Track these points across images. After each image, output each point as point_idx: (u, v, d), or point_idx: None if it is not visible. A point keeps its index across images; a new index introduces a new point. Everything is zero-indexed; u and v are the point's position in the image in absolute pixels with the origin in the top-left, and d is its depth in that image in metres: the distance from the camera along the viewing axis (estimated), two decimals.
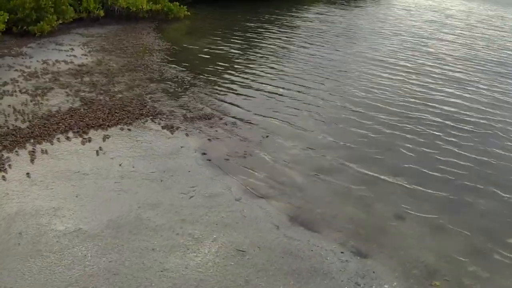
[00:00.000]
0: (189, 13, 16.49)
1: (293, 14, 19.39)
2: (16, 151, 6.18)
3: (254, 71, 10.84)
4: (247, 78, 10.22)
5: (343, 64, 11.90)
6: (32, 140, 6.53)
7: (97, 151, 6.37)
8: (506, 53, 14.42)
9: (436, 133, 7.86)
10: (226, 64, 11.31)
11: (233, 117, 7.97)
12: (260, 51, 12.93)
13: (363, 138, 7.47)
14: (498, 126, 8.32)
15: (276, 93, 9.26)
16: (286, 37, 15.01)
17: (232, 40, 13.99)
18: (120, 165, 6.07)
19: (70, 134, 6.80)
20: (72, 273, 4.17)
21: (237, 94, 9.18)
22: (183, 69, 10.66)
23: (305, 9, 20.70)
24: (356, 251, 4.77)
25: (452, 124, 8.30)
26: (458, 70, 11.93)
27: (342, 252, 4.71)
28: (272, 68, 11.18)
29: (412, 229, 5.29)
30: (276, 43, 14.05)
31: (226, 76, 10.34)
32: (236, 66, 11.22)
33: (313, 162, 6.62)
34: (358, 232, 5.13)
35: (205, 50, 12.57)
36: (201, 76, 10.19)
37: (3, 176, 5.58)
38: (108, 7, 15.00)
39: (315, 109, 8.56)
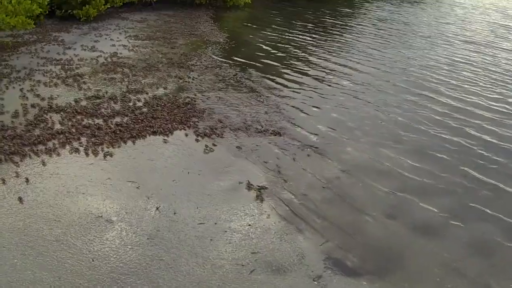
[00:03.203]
0: (249, 0, 14.81)
1: (352, 11, 17.30)
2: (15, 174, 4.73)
3: (331, 75, 9.00)
4: (322, 83, 8.40)
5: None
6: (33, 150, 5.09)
7: (128, 183, 4.82)
8: None
9: None
10: (294, 64, 9.51)
11: (305, 137, 6.22)
12: (330, 46, 11.04)
13: (467, 181, 5.48)
14: None
15: (360, 109, 7.39)
16: (348, 33, 13.03)
17: (297, 34, 12.16)
18: (157, 208, 4.49)
19: (87, 151, 5.33)
20: None
21: (310, 105, 7.37)
22: (242, 67, 8.99)
23: (368, 7, 18.49)
24: None
25: None
26: None
27: None
28: (350, 73, 9.29)
29: None
30: (342, 39, 12.11)
31: (295, 78, 8.56)
32: (306, 67, 9.39)
33: (411, 214, 4.76)
34: None
35: (269, 44, 10.83)
36: (264, 77, 8.47)
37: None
38: None
39: (400, 138, 6.56)
